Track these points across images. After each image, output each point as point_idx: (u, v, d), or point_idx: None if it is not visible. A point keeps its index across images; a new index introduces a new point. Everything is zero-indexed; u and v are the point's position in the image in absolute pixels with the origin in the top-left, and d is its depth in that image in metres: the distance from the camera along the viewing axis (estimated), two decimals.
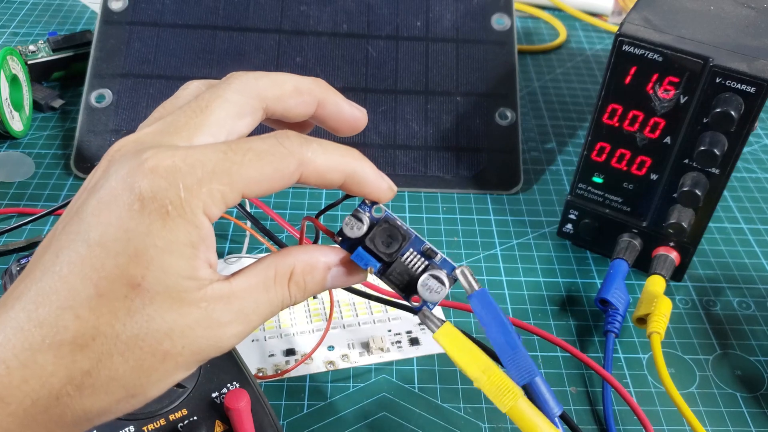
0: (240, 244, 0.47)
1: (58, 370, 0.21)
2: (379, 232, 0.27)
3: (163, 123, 0.25)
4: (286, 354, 0.40)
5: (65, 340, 0.21)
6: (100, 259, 0.22)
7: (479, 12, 0.59)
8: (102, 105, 0.54)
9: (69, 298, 0.22)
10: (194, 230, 0.23)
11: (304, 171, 0.25)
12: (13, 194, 0.51)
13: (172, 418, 0.32)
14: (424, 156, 0.55)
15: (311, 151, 0.25)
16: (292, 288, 0.26)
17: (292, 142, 0.25)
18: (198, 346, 0.23)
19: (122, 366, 0.22)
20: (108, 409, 0.23)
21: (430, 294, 0.27)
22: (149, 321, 0.22)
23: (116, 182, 0.23)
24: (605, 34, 0.76)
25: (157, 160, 0.22)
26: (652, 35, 0.39)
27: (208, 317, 0.23)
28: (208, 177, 0.23)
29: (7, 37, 0.68)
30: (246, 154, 0.24)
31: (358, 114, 0.29)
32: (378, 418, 0.38)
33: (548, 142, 0.60)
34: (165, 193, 0.22)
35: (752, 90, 0.37)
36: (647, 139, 0.42)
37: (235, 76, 0.26)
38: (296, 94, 0.27)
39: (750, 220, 0.53)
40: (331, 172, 0.26)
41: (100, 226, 0.22)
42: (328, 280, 0.27)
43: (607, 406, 0.39)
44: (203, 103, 0.25)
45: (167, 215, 0.22)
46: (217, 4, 0.57)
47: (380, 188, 0.27)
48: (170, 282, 0.22)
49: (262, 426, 0.32)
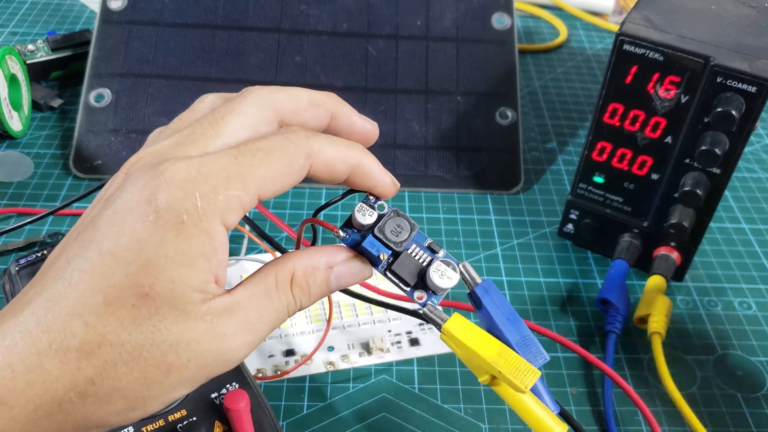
0: (239, 245, 0.47)
1: (63, 376, 0.21)
2: (389, 221, 0.27)
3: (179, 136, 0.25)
4: (286, 354, 0.40)
5: (72, 347, 0.21)
6: (110, 267, 0.22)
7: (479, 11, 0.59)
8: (101, 104, 0.54)
9: (78, 305, 0.22)
10: (208, 241, 0.23)
11: (313, 163, 0.25)
12: (12, 194, 0.51)
13: (172, 419, 0.31)
14: (424, 156, 0.54)
15: (318, 143, 0.25)
16: (296, 292, 0.26)
17: (298, 136, 0.25)
18: (204, 360, 0.23)
19: (126, 376, 0.22)
20: (107, 420, 0.22)
21: (442, 280, 0.27)
22: (155, 332, 0.22)
23: (132, 194, 0.23)
24: (606, 33, 0.76)
25: (173, 171, 0.23)
26: (653, 34, 0.39)
27: (213, 330, 0.23)
28: (223, 184, 0.23)
29: (6, 37, 0.67)
30: (255, 155, 0.24)
31: (369, 127, 0.29)
32: (378, 418, 0.38)
33: (549, 141, 0.60)
34: (181, 203, 0.22)
35: (753, 89, 0.37)
36: (648, 138, 0.42)
37: (251, 90, 0.27)
38: (311, 108, 0.28)
39: (751, 220, 0.53)
40: (338, 163, 0.26)
41: (113, 236, 0.22)
42: (333, 281, 0.27)
43: (608, 406, 0.39)
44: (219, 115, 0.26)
45: (182, 225, 0.22)
46: (217, 4, 0.57)
47: (384, 182, 0.28)
48: (178, 293, 0.22)
49: (262, 427, 0.32)
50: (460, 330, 0.28)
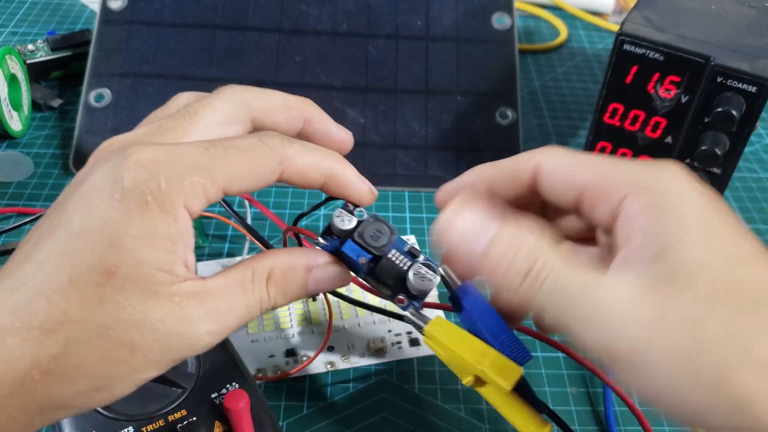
0: (240, 245, 0.47)
1: (25, 354, 0.21)
2: (368, 226, 0.27)
3: (151, 126, 0.26)
4: (286, 355, 0.40)
5: (34, 324, 0.21)
6: (76, 246, 0.22)
7: (480, 11, 0.59)
8: (101, 104, 0.54)
9: (43, 284, 0.22)
10: (173, 223, 0.23)
11: (286, 169, 0.25)
12: (12, 194, 0.51)
13: (172, 419, 0.31)
14: (424, 155, 0.54)
15: (293, 150, 0.26)
16: (271, 289, 0.26)
17: (274, 141, 0.25)
18: (169, 342, 0.23)
19: (89, 354, 0.22)
20: (72, 401, 0.22)
21: (422, 282, 0.27)
22: (119, 310, 0.22)
23: (99, 175, 0.23)
24: (606, 33, 0.76)
25: (141, 154, 0.23)
26: (653, 34, 0.39)
27: (180, 312, 0.23)
28: (189, 170, 0.23)
29: (6, 37, 0.67)
30: (228, 150, 0.24)
31: (344, 135, 0.30)
32: (378, 418, 0.38)
33: (549, 141, 0.60)
34: (146, 184, 0.22)
35: (753, 89, 0.37)
36: (648, 138, 0.42)
37: (224, 88, 0.27)
38: (284, 110, 0.28)
39: (752, 220, 0.53)
40: (312, 171, 0.26)
41: (80, 217, 0.22)
42: (310, 283, 0.27)
43: (608, 406, 0.39)
44: (192, 110, 0.26)
45: (146, 205, 0.22)
46: (217, 3, 0.57)
47: (361, 191, 0.28)
48: (143, 272, 0.22)
49: (262, 427, 0.32)
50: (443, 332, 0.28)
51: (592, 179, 0.25)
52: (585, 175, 0.26)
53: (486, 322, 0.28)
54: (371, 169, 0.53)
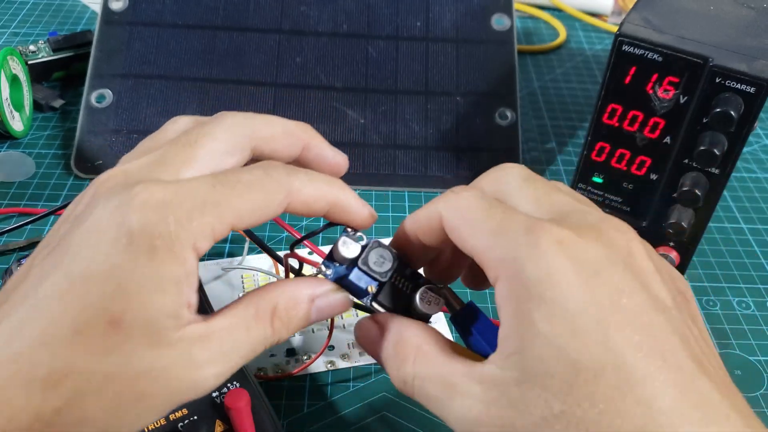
0: (240, 245, 0.47)
1: (28, 406, 0.21)
2: (371, 252, 0.27)
3: (152, 156, 0.25)
4: (287, 354, 0.40)
5: (37, 377, 0.21)
6: (80, 293, 0.21)
7: (479, 12, 0.59)
8: (102, 105, 0.54)
9: (45, 333, 0.21)
10: (180, 266, 0.22)
11: (292, 201, 0.25)
12: (14, 194, 0.51)
13: (172, 418, 0.32)
14: (424, 156, 0.55)
15: (299, 181, 0.25)
16: (276, 324, 0.25)
17: (279, 173, 0.25)
18: (175, 388, 0.22)
19: (94, 406, 0.21)
20: None
21: (429, 307, 0.27)
22: (126, 360, 0.21)
23: (104, 215, 0.22)
24: (605, 34, 0.76)
25: (148, 194, 0.22)
26: (651, 35, 0.39)
27: (186, 358, 0.22)
28: (198, 210, 0.22)
29: (8, 37, 0.68)
30: (235, 186, 0.24)
31: (339, 159, 0.29)
32: (378, 417, 0.38)
33: (548, 142, 0.60)
34: (154, 227, 0.22)
35: (752, 90, 0.38)
36: (647, 139, 0.42)
37: (225, 115, 0.27)
38: (285, 137, 0.28)
39: (750, 220, 0.53)
40: (317, 201, 0.26)
41: (84, 260, 0.22)
42: (313, 313, 0.26)
43: None
44: (192, 138, 0.25)
45: (155, 250, 0.22)
46: (218, 4, 0.57)
47: (363, 216, 0.28)
48: (151, 319, 0.22)
49: (263, 425, 0.32)
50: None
51: (474, 246, 0.24)
52: (471, 239, 0.24)
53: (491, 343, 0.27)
54: (371, 170, 0.53)
